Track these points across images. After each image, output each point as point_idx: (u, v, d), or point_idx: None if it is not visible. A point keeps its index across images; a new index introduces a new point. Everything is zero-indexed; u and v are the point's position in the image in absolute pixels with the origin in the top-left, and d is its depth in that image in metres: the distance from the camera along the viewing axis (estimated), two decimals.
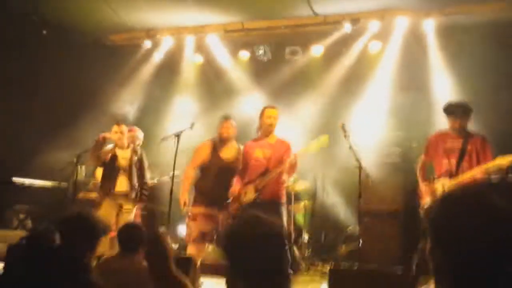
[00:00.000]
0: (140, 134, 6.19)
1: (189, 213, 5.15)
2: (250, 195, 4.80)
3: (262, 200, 4.71)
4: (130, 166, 5.75)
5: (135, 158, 5.82)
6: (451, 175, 4.49)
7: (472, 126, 5.07)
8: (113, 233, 5.80)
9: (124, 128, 5.86)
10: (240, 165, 5.05)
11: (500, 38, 6.16)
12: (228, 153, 5.19)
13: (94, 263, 5.58)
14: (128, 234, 3.25)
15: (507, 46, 6.12)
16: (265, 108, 5.05)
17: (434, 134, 4.84)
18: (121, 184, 5.69)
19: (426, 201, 4.58)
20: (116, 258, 3.23)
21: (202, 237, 4.97)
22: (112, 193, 5.64)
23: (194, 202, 5.15)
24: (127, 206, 5.68)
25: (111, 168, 5.71)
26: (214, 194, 5.03)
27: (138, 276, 3.03)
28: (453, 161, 4.51)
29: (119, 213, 5.67)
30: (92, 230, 2.44)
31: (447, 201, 1.34)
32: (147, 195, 5.83)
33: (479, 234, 1.22)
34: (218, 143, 5.26)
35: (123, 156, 5.78)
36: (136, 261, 3.11)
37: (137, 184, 5.76)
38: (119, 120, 5.94)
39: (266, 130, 4.97)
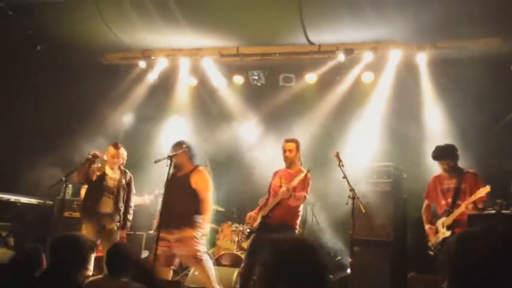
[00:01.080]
0: (124, 153, 6.14)
1: None
2: (258, 220, 5.10)
3: (270, 224, 4.97)
4: (118, 188, 5.69)
5: (124, 181, 5.76)
6: (449, 213, 4.75)
7: (462, 158, 5.23)
8: (98, 253, 5.71)
9: (122, 151, 5.83)
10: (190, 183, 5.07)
11: (492, 73, 6.30)
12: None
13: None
14: (116, 256, 3.15)
15: (499, 80, 6.25)
16: (283, 141, 5.38)
17: (432, 178, 5.17)
18: (106, 204, 5.61)
19: (432, 241, 4.85)
20: (104, 280, 3.13)
21: (159, 260, 4.87)
22: (95, 213, 5.55)
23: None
24: (110, 226, 5.58)
25: (97, 187, 5.63)
26: (168, 215, 4.92)
27: None
28: (449, 200, 4.82)
29: (102, 233, 5.56)
30: (83, 249, 2.42)
31: (464, 240, 1.36)
32: (130, 221, 5.79)
33: (498, 269, 1.24)
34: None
35: (112, 177, 5.73)
36: (124, 284, 3.03)
37: (122, 208, 5.68)
38: (117, 143, 5.89)
39: (285, 162, 5.30)
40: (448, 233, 4.68)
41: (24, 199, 6.84)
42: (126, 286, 3.00)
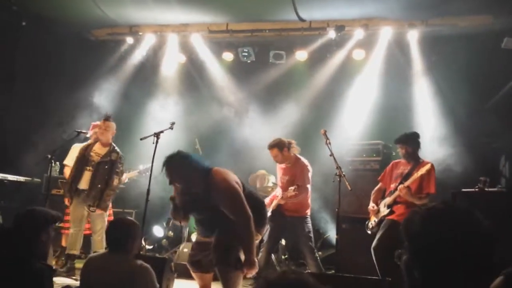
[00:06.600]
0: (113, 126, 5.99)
1: None
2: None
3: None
4: (99, 163, 5.44)
5: (109, 158, 5.47)
6: (393, 194, 4.85)
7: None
8: (86, 231, 5.66)
9: (111, 124, 5.63)
10: None
11: (483, 50, 6.26)
12: None
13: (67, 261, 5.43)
14: (115, 232, 3.10)
15: (489, 58, 6.21)
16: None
17: (391, 163, 5.23)
18: (85, 180, 5.42)
19: (371, 220, 5.03)
20: (104, 256, 3.12)
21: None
22: (76, 190, 5.41)
23: None
24: (93, 207, 5.34)
25: (81, 161, 5.47)
26: None
27: (125, 274, 2.92)
28: (397, 184, 4.84)
29: (89, 212, 5.40)
30: (37, 221, 2.67)
31: (426, 215, 1.36)
32: (106, 201, 5.40)
33: (458, 243, 1.26)
34: None
35: (98, 152, 5.53)
36: (124, 259, 2.99)
37: (99, 185, 5.35)
38: (107, 116, 5.70)
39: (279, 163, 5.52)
40: (387, 211, 4.81)
41: (11, 177, 6.78)
42: (125, 263, 2.97)
